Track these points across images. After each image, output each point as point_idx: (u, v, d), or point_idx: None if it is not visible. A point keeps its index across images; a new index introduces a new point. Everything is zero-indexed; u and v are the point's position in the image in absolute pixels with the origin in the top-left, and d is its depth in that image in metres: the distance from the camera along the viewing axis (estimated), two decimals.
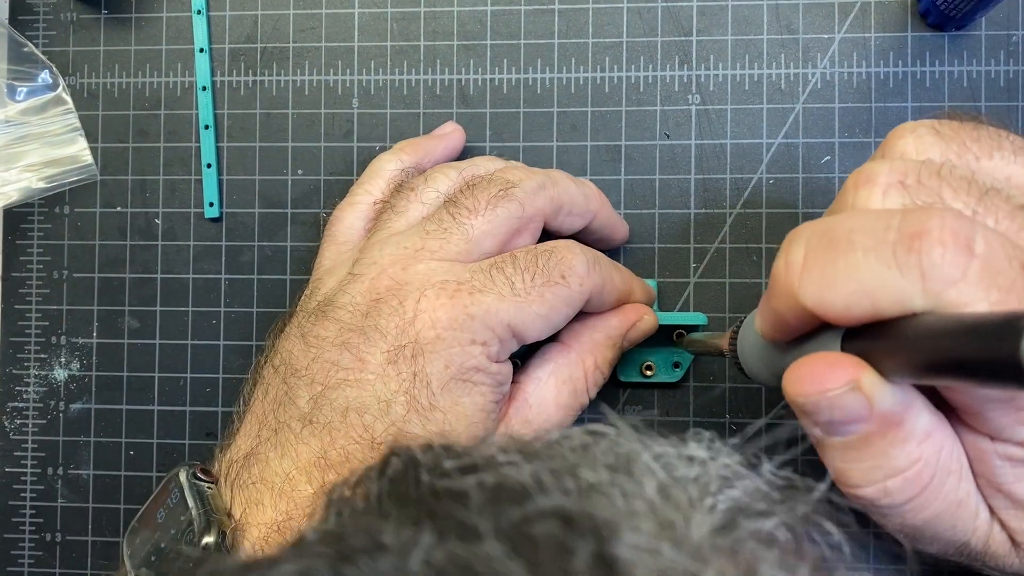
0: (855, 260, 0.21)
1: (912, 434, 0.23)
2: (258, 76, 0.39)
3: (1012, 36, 0.37)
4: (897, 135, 0.26)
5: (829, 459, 0.24)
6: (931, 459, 0.23)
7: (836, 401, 0.22)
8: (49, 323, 0.39)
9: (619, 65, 0.38)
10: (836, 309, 0.22)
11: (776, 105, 0.37)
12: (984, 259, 0.20)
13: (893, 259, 0.21)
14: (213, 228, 0.39)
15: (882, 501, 0.23)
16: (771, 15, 0.37)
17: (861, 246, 0.21)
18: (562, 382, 0.32)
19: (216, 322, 0.39)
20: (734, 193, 0.37)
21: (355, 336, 0.29)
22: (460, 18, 0.39)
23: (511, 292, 0.29)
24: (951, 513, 0.24)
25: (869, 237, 0.21)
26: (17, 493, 0.39)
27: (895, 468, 0.23)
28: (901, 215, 0.21)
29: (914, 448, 0.23)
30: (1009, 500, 0.24)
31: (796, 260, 0.23)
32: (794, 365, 0.23)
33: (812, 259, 0.23)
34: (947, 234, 0.20)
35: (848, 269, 0.21)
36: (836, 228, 0.22)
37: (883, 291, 0.21)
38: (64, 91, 0.39)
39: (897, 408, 0.22)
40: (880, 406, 0.22)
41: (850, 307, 0.21)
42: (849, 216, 0.23)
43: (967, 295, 0.20)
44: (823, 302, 0.22)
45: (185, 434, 0.39)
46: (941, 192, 0.23)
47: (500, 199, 0.31)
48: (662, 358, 0.36)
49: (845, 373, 0.22)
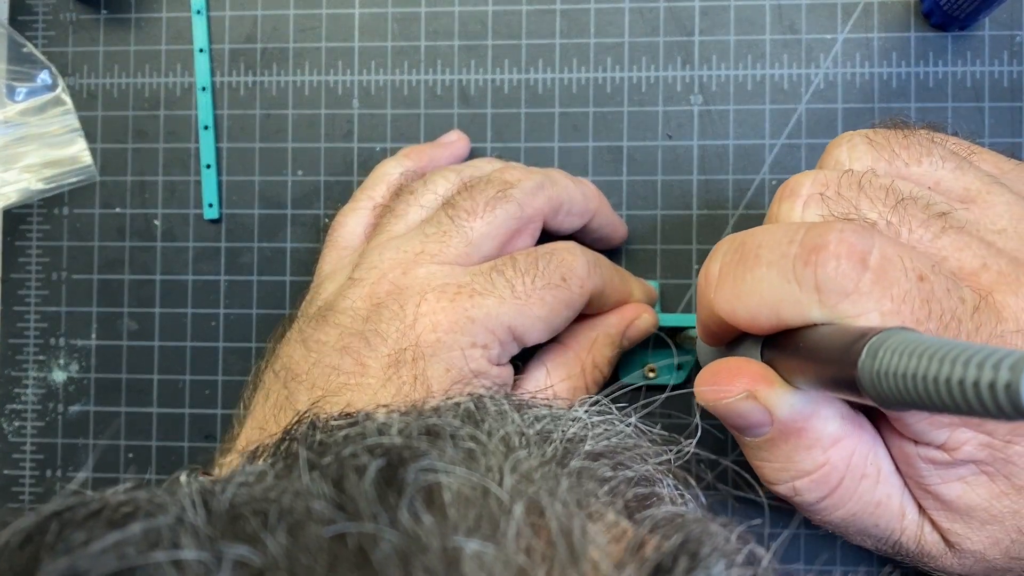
0: (760, 274, 0.23)
1: (817, 440, 0.23)
2: (258, 76, 0.39)
3: (1016, 36, 0.36)
4: (834, 144, 0.27)
5: (749, 457, 0.25)
6: (839, 464, 0.24)
7: (734, 408, 0.23)
8: (48, 325, 0.39)
9: (621, 65, 0.38)
10: (744, 319, 0.23)
11: (779, 106, 0.37)
12: (878, 271, 0.21)
13: (793, 273, 0.22)
14: (213, 229, 0.39)
15: (794, 499, 0.25)
16: (774, 15, 0.37)
17: (766, 260, 0.23)
18: (561, 381, 0.32)
19: (215, 324, 0.39)
20: (736, 194, 0.37)
21: (356, 340, 0.29)
22: (461, 18, 0.38)
23: (512, 295, 0.29)
24: (869, 513, 0.25)
25: (774, 251, 0.22)
26: (16, 496, 0.39)
27: (801, 471, 0.24)
28: (805, 230, 0.22)
29: (819, 454, 0.23)
30: (938, 501, 0.24)
31: (713, 272, 0.24)
32: (703, 370, 0.25)
33: (725, 272, 0.24)
34: (842, 247, 0.21)
35: (754, 282, 0.23)
36: (748, 242, 0.24)
37: (784, 303, 0.22)
38: (63, 92, 0.38)
39: (797, 417, 0.23)
40: (779, 415, 0.23)
41: (756, 318, 0.23)
42: (762, 231, 0.24)
43: (860, 306, 0.21)
44: (733, 313, 0.23)
45: (184, 437, 0.38)
46: (859, 203, 0.24)
47: (498, 200, 0.31)
48: (664, 359, 0.36)
49: (742, 382, 0.23)
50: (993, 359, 0.16)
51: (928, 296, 0.21)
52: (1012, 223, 0.25)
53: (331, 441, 0.17)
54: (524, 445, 0.17)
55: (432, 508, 0.14)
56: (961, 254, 0.23)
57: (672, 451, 0.21)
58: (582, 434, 0.19)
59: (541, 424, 0.19)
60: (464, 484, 0.15)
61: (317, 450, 0.17)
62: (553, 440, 0.18)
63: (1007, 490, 0.23)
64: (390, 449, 0.16)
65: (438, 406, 0.19)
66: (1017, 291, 0.23)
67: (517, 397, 0.21)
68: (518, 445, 0.17)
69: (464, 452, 0.16)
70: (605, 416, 0.20)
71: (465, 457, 0.16)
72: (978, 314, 0.22)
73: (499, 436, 0.17)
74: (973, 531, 0.24)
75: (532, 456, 0.17)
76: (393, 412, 0.19)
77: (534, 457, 0.17)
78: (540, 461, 0.17)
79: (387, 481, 0.15)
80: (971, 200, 0.25)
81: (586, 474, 0.17)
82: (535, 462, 0.16)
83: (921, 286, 0.21)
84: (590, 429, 0.19)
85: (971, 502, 0.24)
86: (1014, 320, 0.22)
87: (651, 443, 0.20)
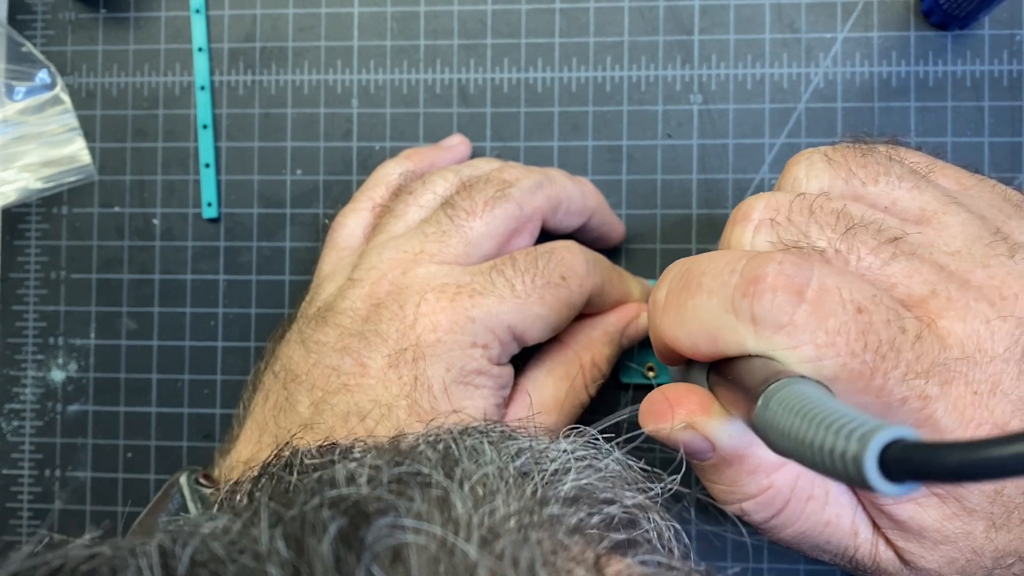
0: (701, 301, 0.23)
1: (760, 466, 0.24)
2: (257, 75, 0.39)
3: (1016, 35, 0.36)
4: (793, 162, 0.27)
5: (699, 475, 0.26)
6: (783, 487, 0.24)
7: (674, 437, 0.23)
8: (46, 324, 0.39)
9: (620, 64, 0.38)
10: (685, 346, 0.23)
11: (778, 105, 0.37)
12: (814, 303, 0.21)
13: (731, 303, 0.22)
14: (211, 228, 0.39)
15: (745, 518, 0.25)
16: (773, 14, 0.37)
17: (707, 288, 0.23)
18: (559, 379, 0.32)
19: (214, 323, 0.39)
20: (736, 193, 0.37)
21: (355, 341, 0.29)
22: (460, 17, 0.38)
23: (511, 294, 0.29)
24: (818, 532, 0.25)
25: (716, 280, 0.23)
26: (14, 495, 0.39)
27: (745, 494, 0.24)
28: (746, 260, 0.22)
29: (763, 478, 0.24)
30: (891, 521, 0.24)
31: (659, 298, 0.25)
32: (646, 399, 0.25)
33: (670, 298, 0.24)
34: (780, 280, 0.21)
35: (695, 310, 0.23)
36: (694, 269, 0.24)
37: (722, 332, 0.22)
38: (62, 91, 0.38)
39: (737, 444, 0.23)
40: (718, 443, 0.23)
41: (696, 345, 0.23)
42: (707, 258, 0.24)
43: (794, 339, 0.21)
44: (676, 339, 0.24)
45: (183, 436, 0.38)
46: (808, 229, 0.24)
47: (497, 200, 0.31)
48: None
49: (680, 412, 0.23)
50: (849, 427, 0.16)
51: (865, 328, 0.21)
52: (966, 244, 0.24)
53: (302, 486, 0.17)
54: (500, 489, 0.17)
55: (395, 570, 0.14)
56: (910, 280, 0.23)
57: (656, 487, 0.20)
58: (564, 469, 0.19)
59: (522, 460, 0.19)
60: (430, 541, 0.15)
61: (284, 499, 0.17)
62: (533, 479, 0.18)
63: (958, 512, 0.23)
64: (356, 503, 0.16)
65: (416, 445, 0.19)
66: (964, 317, 0.23)
67: (500, 427, 0.20)
68: (495, 489, 0.17)
69: (435, 501, 0.16)
70: (587, 450, 0.20)
71: (435, 507, 0.16)
72: (920, 343, 0.22)
73: (473, 480, 0.17)
74: (927, 551, 0.24)
75: (507, 502, 0.16)
76: (369, 451, 0.19)
77: (510, 501, 0.16)
78: (514, 509, 0.16)
79: (347, 543, 0.15)
80: (926, 221, 0.25)
81: (560, 524, 0.17)
82: (510, 508, 0.16)
83: (859, 318, 0.21)
84: (572, 464, 0.19)
85: (923, 523, 0.23)
86: (959, 346, 0.22)
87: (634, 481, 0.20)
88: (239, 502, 0.18)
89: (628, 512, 0.19)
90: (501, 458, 0.18)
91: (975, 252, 0.24)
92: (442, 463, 0.18)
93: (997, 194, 0.27)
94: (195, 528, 0.16)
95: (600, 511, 0.18)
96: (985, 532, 0.23)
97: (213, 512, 0.17)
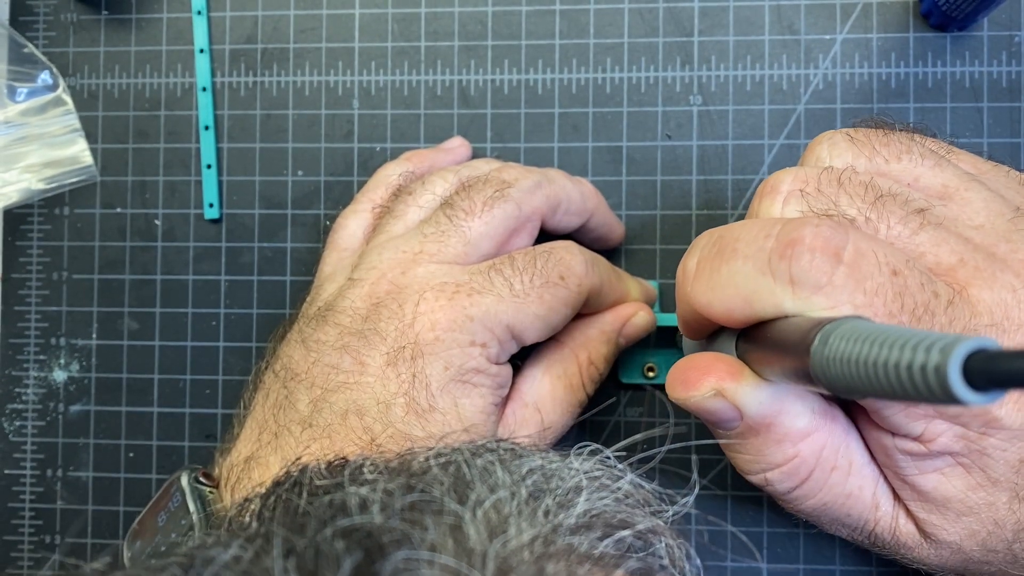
0: (736, 266, 0.23)
1: (787, 435, 0.24)
2: (258, 77, 0.39)
3: (1014, 37, 0.36)
4: (816, 142, 0.28)
5: (722, 447, 0.26)
6: (809, 457, 0.24)
7: (703, 405, 0.24)
8: (48, 324, 0.39)
9: (620, 66, 0.38)
10: (719, 312, 0.23)
11: (778, 106, 0.37)
12: (851, 265, 0.21)
13: (768, 265, 0.22)
14: (213, 229, 0.39)
15: (766, 488, 0.25)
16: (773, 16, 0.37)
17: (743, 254, 0.23)
18: (556, 378, 0.32)
19: (216, 323, 0.39)
20: (736, 194, 0.37)
21: (355, 339, 0.29)
22: (461, 19, 0.39)
23: (510, 294, 0.29)
24: (840, 504, 0.25)
25: (751, 245, 0.23)
26: (16, 495, 0.39)
27: (770, 463, 0.24)
28: (781, 225, 0.23)
29: (789, 447, 0.24)
30: (914, 492, 0.25)
31: (690, 266, 0.25)
32: (674, 367, 0.25)
33: (702, 265, 0.24)
34: (818, 242, 0.22)
35: (729, 275, 0.23)
36: (726, 236, 0.24)
37: (758, 295, 0.22)
38: (64, 92, 0.38)
39: (766, 413, 0.23)
40: (747, 411, 0.23)
41: (731, 310, 0.23)
42: (740, 225, 0.24)
43: (833, 299, 0.21)
44: (709, 306, 0.24)
45: (185, 436, 0.39)
46: (838, 199, 0.25)
47: (496, 200, 0.31)
48: (664, 359, 0.36)
49: (710, 380, 0.23)
50: (927, 342, 0.16)
51: (901, 290, 0.22)
52: (989, 219, 0.25)
53: (313, 511, 0.17)
54: (513, 513, 0.17)
55: None
56: (938, 249, 0.24)
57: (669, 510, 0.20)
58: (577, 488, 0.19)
59: (533, 479, 0.19)
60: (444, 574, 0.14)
61: (295, 525, 0.17)
62: (545, 501, 0.18)
63: (983, 482, 0.23)
64: (370, 533, 0.16)
65: (427, 466, 0.19)
66: (992, 286, 0.23)
67: (510, 444, 0.20)
68: (508, 514, 0.17)
69: (448, 530, 0.16)
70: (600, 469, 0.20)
71: (448, 536, 0.16)
72: (952, 308, 0.22)
73: (486, 506, 0.17)
74: (949, 522, 0.24)
75: (520, 528, 0.16)
76: (380, 471, 0.19)
77: (523, 528, 0.16)
78: (528, 538, 0.16)
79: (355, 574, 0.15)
80: (949, 197, 0.26)
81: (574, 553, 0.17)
82: (524, 538, 0.16)
83: (895, 280, 0.22)
84: (584, 483, 0.19)
85: (947, 493, 0.24)
86: (988, 314, 0.23)
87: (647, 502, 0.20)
88: (248, 523, 0.18)
89: (641, 537, 0.19)
90: (513, 479, 0.18)
91: (998, 226, 0.25)
92: (454, 487, 0.18)
93: (1012, 178, 0.28)
94: (207, 558, 0.16)
95: (613, 535, 0.18)
96: (1008, 504, 0.24)
97: (223, 535, 0.17)
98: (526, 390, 0.32)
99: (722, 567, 0.36)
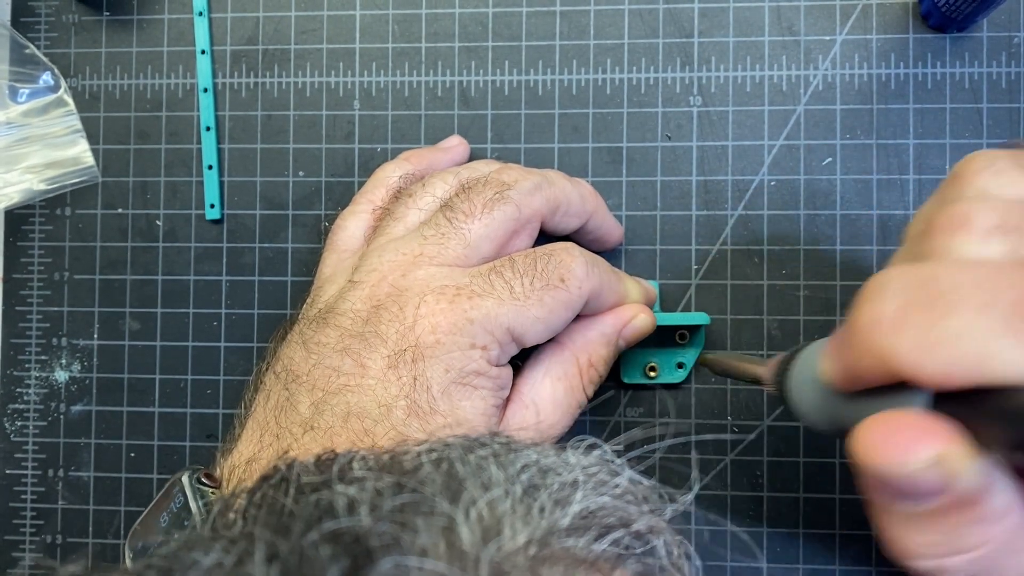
0: (962, 323, 0.19)
1: (988, 514, 0.21)
2: (259, 78, 0.39)
3: (1014, 38, 0.36)
4: (972, 170, 0.23)
5: (885, 524, 0.22)
6: (1001, 540, 0.21)
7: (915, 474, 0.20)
8: (50, 325, 0.39)
9: (620, 67, 0.38)
10: (934, 375, 0.20)
11: (777, 107, 0.37)
12: None
13: (1008, 325, 0.19)
14: (214, 230, 0.39)
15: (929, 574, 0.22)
16: (772, 16, 0.37)
17: (971, 307, 0.19)
18: (556, 379, 0.32)
19: (217, 324, 0.39)
20: (735, 195, 0.37)
21: (356, 342, 0.29)
22: (461, 20, 0.39)
23: (510, 296, 0.29)
24: None
25: (978, 297, 0.19)
26: (18, 495, 0.39)
27: (960, 548, 0.21)
28: (1020, 273, 0.19)
29: (987, 528, 0.21)
30: None
31: (886, 314, 0.21)
32: (869, 424, 0.21)
33: (909, 316, 0.20)
34: None
35: (953, 332, 0.19)
36: (938, 282, 0.20)
37: (994, 360, 0.19)
38: (66, 93, 0.39)
39: (979, 486, 0.20)
40: (963, 483, 0.20)
41: (952, 375, 0.19)
42: (952, 268, 0.20)
43: None
44: (920, 366, 0.20)
45: (186, 436, 0.39)
46: None
47: (496, 202, 0.31)
48: (665, 359, 0.36)
49: (932, 444, 0.20)
50: None
51: None
52: None
53: (298, 512, 0.16)
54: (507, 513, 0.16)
55: None
56: None
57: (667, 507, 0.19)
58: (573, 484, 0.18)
59: (528, 475, 0.17)
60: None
61: (279, 526, 0.16)
62: (541, 499, 0.17)
63: None
64: (358, 538, 0.15)
65: (418, 463, 0.18)
66: None
67: (504, 439, 0.19)
68: (502, 514, 0.16)
69: (440, 532, 0.15)
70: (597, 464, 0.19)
71: (440, 538, 0.15)
72: None
73: (479, 506, 0.16)
74: None
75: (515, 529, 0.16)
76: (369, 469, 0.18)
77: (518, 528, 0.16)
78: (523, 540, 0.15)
79: None
80: None
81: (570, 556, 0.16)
82: (519, 541, 0.15)
83: None
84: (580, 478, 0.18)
85: None
86: None
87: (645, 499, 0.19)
88: (233, 522, 0.17)
89: (640, 536, 0.18)
90: (507, 475, 0.17)
91: None
92: (446, 485, 0.17)
93: None
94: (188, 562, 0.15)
95: (611, 534, 0.17)
96: None
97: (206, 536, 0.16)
98: (526, 392, 0.32)
99: (722, 567, 0.36)
